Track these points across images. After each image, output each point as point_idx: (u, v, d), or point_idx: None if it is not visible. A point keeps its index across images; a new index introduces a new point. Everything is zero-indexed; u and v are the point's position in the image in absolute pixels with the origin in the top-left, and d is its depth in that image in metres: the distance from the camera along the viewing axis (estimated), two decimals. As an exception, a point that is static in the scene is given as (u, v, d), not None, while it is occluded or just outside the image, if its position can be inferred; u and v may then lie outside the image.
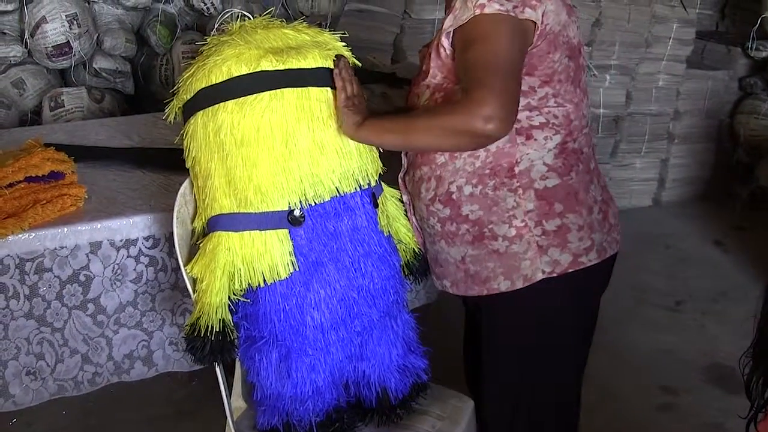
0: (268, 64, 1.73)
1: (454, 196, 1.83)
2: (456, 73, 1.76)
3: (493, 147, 1.76)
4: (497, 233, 1.82)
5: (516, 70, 1.68)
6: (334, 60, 1.81)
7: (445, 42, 1.76)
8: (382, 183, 1.94)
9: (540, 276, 1.82)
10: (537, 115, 1.78)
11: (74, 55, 3.50)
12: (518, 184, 1.80)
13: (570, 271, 1.83)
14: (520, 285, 1.83)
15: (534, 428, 2.00)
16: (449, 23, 1.72)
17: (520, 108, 1.69)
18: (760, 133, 4.69)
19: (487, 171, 1.80)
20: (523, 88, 1.73)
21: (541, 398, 1.96)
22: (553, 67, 1.79)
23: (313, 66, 1.77)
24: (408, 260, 2.01)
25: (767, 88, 4.76)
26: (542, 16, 1.72)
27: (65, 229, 1.95)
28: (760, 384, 1.39)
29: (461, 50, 1.71)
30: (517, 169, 1.79)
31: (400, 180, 1.99)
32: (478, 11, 1.67)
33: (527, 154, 1.79)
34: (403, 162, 1.97)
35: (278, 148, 1.72)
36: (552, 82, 1.79)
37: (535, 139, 1.79)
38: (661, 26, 4.53)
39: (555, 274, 1.82)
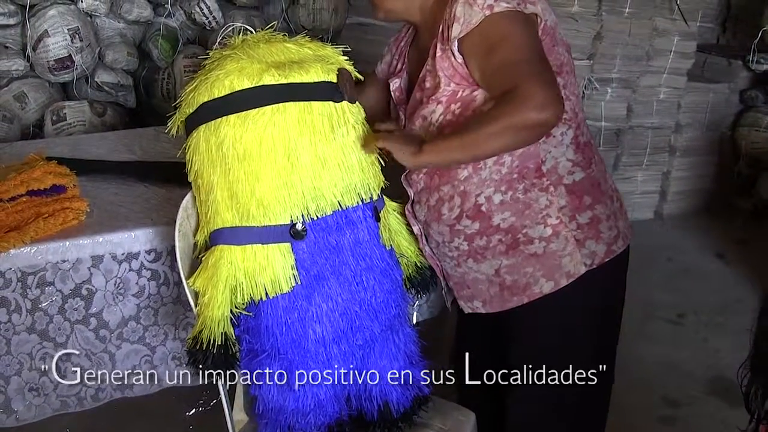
0: (271, 78, 1.73)
1: (483, 208, 1.83)
2: (468, 78, 1.76)
3: (517, 151, 1.77)
4: (532, 236, 1.82)
5: (545, 57, 1.70)
6: (337, 74, 1.81)
7: (455, 49, 1.74)
8: (384, 197, 1.93)
9: (583, 269, 1.83)
10: None
11: (76, 68, 3.51)
12: (548, 182, 1.81)
13: (606, 260, 1.85)
14: (564, 282, 1.84)
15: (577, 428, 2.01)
16: (457, 31, 1.71)
17: None
18: (761, 145, 4.70)
19: (515, 175, 1.80)
20: None
21: (580, 398, 1.96)
22: (560, 59, 1.82)
23: (316, 80, 1.77)
24: (410, 274, 2.00)
25: (768, 101, 4.78)
26: (541, 11, 1.75)
27: (67, 243, 1.95)
28: (758, 395, 1.39)
29: (483, 55, 1.70)
30: (544, 168, 1.81)
31: (407, 212, 1.97)
32: (488, 12, 1.68)
33: (549, 152, 1.81)
34: (409, 193, 1.95)
35: (280, 162, 1.72)
36: (562, 73, 1.82)
37: (554, 136, 1.81)
38: (661, 39, 4.54)
39: (595, 266, 1.84)
